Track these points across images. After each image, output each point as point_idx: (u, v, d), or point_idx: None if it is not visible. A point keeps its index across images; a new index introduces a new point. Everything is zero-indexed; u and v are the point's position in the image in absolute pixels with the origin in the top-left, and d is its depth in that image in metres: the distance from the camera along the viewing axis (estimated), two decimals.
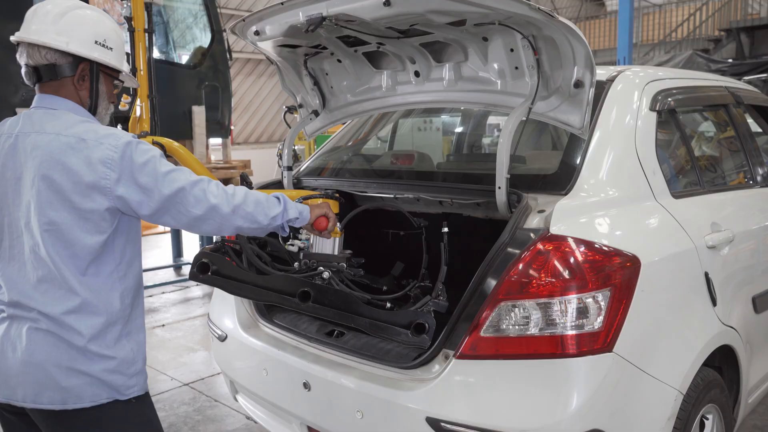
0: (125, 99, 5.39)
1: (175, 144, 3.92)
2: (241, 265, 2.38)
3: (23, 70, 1.74)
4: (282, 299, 2.24)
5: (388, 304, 2.26)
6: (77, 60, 1.71)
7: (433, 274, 2.60)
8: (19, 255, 1.68)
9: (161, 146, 3.62)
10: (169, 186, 1.66)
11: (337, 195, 2.50)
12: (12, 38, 1.73)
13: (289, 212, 1.90)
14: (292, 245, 2.37)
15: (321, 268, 2.32)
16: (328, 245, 2.39)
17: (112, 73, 1.82)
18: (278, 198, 1.90)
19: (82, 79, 1.74)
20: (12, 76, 5.23)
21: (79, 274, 1.65)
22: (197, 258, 2.35)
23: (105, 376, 1.67)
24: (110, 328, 1.70)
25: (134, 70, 5.18)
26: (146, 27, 5.25)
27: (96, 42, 1.73)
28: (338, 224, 2.17)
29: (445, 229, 2.36)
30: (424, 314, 2.04)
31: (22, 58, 1.72)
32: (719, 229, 2.42)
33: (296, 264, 2.43)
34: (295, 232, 2.28)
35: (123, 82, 1.88)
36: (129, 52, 5.19)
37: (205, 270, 2.31)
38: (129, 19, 5.16)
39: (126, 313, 1.74)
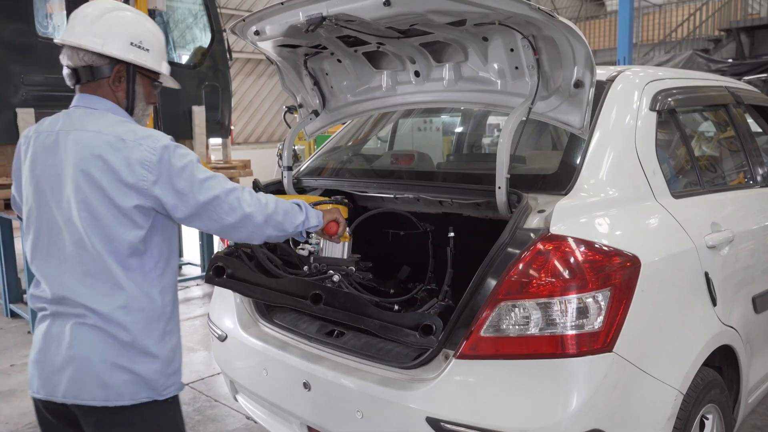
0: None
1: None
2: (254, 268, 2.41)
3: (64, 72, 1.77)
4: (295, 302, 2.27)
5: (396, 307, 2.29)
6: (113, 61, 1.73)
7: (438, 277, 2.61)
8: (59, 251, 1.69)
9: None
10: (205, 193, 1.68)
11: (346, 201, 2.53)
12: (56, 40, 1.77)
13: (311, 220, 1.97)
14: (303, 249, 2.42)
15: (331, 271, 2.36)
16: (338, 249, 2.43)
17: (151, 74, 1.83)
18: (299, 205, 1.96)
19: (118, 80, 1.76)
20: (12, 76, 5.23)
21: (123, 269, 1.67)
22: (213, 262, 2.39)
23: (147, 374, 1.69)
24: (154, 325, 1.72)
25: None
26: None
27: (132, 44, 1.74)
28: (347, 229, 2.21)
29: (451, 234, 2.39)
30: (431, 316, 2.05)
31: (64, 60, 1.76)
32: (719, 229, 2.42)
33: (306, 267, 2.47)
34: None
35: (162, 83, 1.89)
36: None
37: (221, 273, 2.36)
38: None
39: (167, 311, 1.76)
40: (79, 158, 1.65)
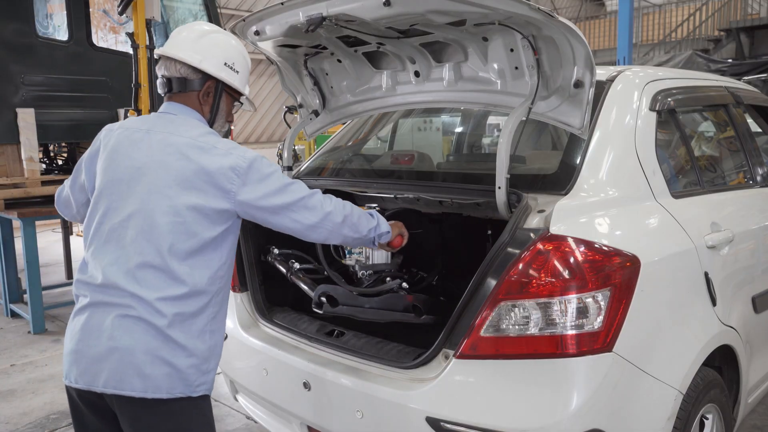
0: (132, 115, 5.44)
1: None
2: (352, 290, 2.46)
3: (159, 81, 1.95)
4: (402, 316, 2.33)
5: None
6: (205, 77, 1.92)
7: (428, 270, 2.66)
8: (118, 238, 1.76)
9: None
10: (290, 195, 1.85)
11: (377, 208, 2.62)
12: (156, 52, 1.95)
13: (381, 226, 2.12)
14: (350, 260, 2.51)
15: (388, 279, 2.45)
16: (382, 256, 2.50)
17: (234, 94, 2.01)
18: (370, 213, 2.12)
19: (206, 95, 1.93)
20: (12, 76, 5.23)
21: (187, 265, 1.74)
22: (322, 293, 2.43)
23: (184, 368, 1.74)
24: (197, 321, 1.77)
25: (137, 86, 5.21)
26: (147, 44, 5.27)
27: (225, 64, 1.93)
28: None
29: (489, 232, 2.45)
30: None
31: (160, 70, 1.94)
32: (719, 229, 2.42)
33: (360, 275, 2.55)
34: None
35: (242, 104, 2.07)
36: (133, 68, 5.22)
37: (335, 303, 2.43)
38: (131, 36, 5.18)
39: (215, 311, 1.82)
40: (174, 159, 1.77)
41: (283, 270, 2.65)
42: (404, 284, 2.39)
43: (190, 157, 1.77)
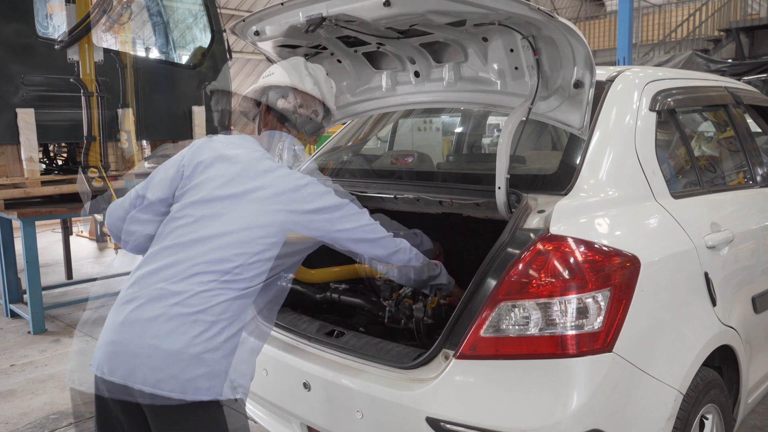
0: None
1: None
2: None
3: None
4: None
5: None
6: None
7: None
8: (186, 242, 1.84)
9: None
10: (346, 213, 1.98)
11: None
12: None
13: (443, 277, 2.28)
14: (378, 281, 2.55)
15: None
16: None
17: None
18: (436, 264, 2.28)
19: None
20: (12, 76, 5.23)
21: (241, 270, 1.81)
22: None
23: (225, 371, 1.76)
24: (229, 328, 1.78)
25: (90, 139, 5.21)
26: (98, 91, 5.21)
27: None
28: None
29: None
30: None
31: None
32: (719, 229, 2.42)
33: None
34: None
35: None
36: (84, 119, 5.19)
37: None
38: (79, 80, 5.12)
39: (243, 318, 1.84)
40: (246, 179, 1.92)
41: (313, 294, 2.67)
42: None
43: (260, 178, 1.91)
